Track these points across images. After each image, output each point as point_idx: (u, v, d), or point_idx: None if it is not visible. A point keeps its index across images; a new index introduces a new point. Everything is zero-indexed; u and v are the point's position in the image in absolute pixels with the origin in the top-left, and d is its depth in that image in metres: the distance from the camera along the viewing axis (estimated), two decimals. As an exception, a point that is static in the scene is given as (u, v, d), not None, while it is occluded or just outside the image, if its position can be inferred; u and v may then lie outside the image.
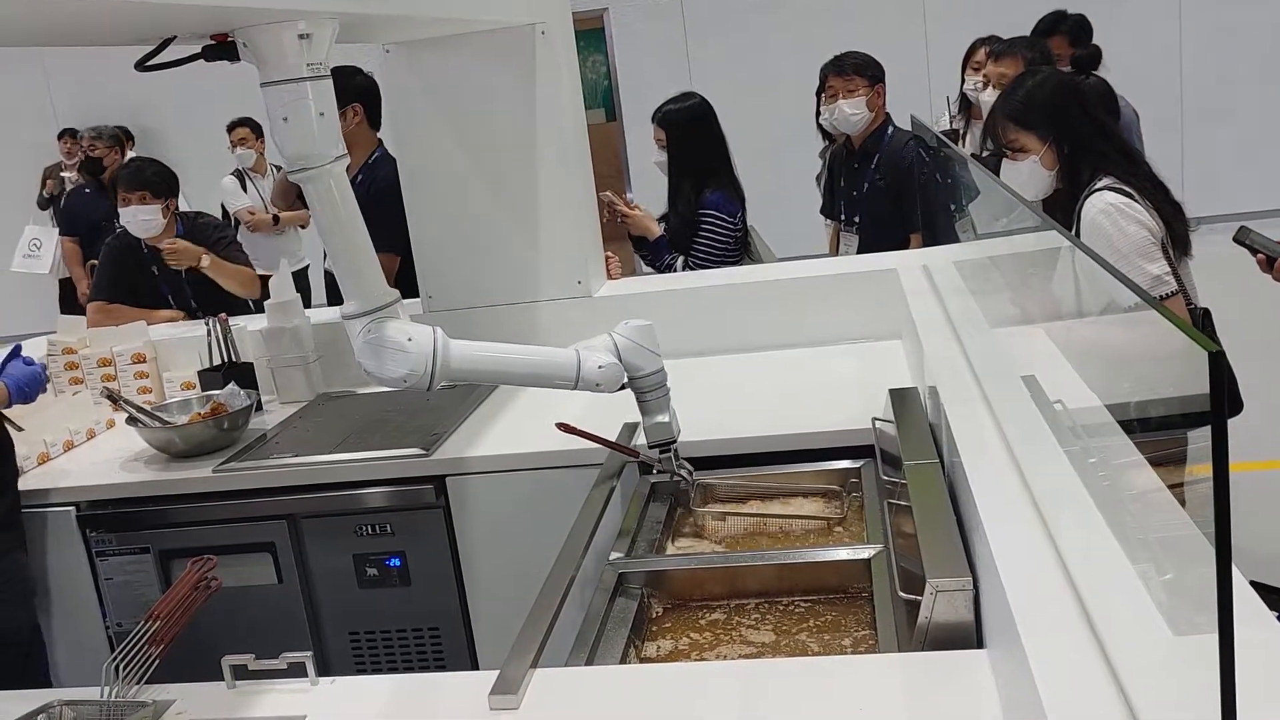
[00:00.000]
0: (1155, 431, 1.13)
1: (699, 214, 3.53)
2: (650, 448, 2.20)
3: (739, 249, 3.59)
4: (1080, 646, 1.09)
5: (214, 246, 3.56)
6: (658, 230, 3.56)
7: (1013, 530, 1.35)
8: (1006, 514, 1.39)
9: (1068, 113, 2.44)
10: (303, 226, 6.36)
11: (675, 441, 2.18)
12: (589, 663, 1.59)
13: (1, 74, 8.61)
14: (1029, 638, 1.11)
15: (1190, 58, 8.00)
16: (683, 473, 2.20)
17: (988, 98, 3.96)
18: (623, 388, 2.15)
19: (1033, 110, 2.44)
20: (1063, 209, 2.46)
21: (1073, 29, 4.23)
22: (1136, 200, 2.32)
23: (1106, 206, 2.31)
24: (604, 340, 2.11)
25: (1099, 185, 2.36)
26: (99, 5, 1.40)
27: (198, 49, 1.80)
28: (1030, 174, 2.46)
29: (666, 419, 2.17)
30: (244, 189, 6.46)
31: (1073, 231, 2.40)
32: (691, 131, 3.56)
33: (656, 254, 3.56)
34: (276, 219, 6.25)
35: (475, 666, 2.47)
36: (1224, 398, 0.68)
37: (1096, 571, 1.20)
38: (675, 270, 3.52)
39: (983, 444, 1.65)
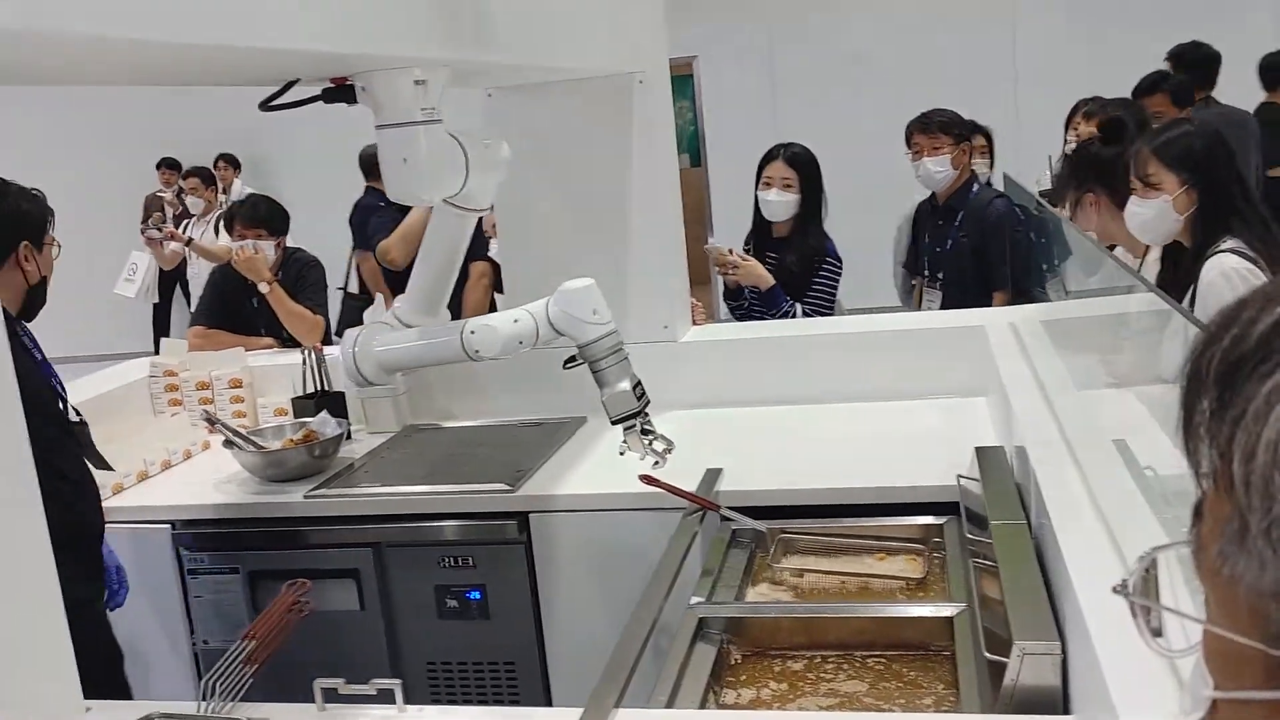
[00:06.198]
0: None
1: (824, 260, 3.51)
2: (613, 422, 2.17)
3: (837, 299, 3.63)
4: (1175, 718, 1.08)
5: (296, 282, 3.68)
6: (770, 279, 3.46)
7: (1106, 596, 1.33)
8: (1099, 579, 1.38)
9: (1218, 164, 2.40)
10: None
11: (640, 412, 2.12)
12: (669, 707, 1.60)
13: (108, 102, 8.96)
14: (1124, 709, 1.10)
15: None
16: (658, 446, 2.17)
17: (1080, 157, 3.93)
18: (572, 360, 2.15)
19: (1181, 150, 2.40)
20: (1174, 259, 2.43)
21: (1175, 88, 4.19)
22: (1261, 268, 2.28)
23: (1229, 270, 2.28)
24: (533, 306, 2.19)
25: (1224, 246, 2.32)
26: (230, 51, 1.47)
27: (317, 91, 1.88)
28: (1157, 215, 2.42)
29: (626, 387, 2.10)
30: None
31: (1191, 288, 2.36)
32: (816, 174, 3.57)
33: (772, 304, 3.45)
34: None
35: (549, 703, 2.49)
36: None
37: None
38: (795, 317, 3.45)
39: (1073, 507, 1.64)
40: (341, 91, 1.86)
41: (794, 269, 3.53)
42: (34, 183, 2.43)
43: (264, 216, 3.70)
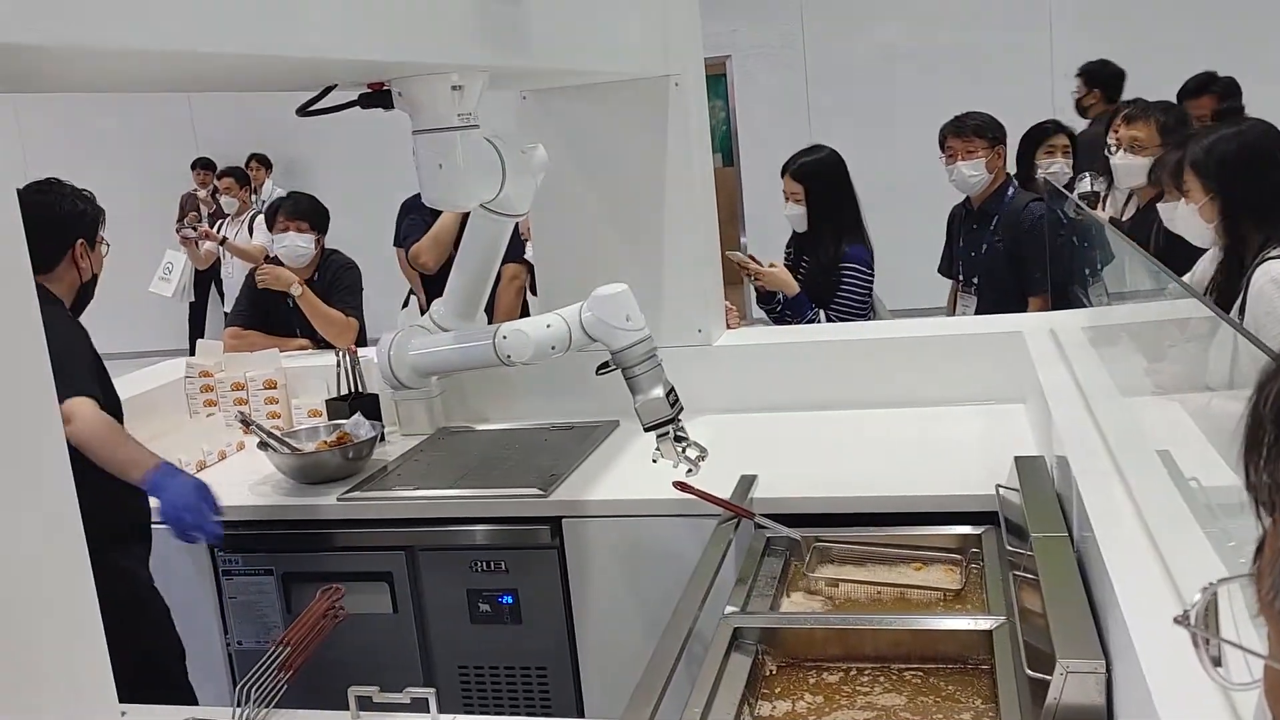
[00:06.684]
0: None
1: (842, 267, 3.47)
2: (646, 429, 2.16)
3: (871, 304, 3.56)
4: (1227, 742, 1.06)
5: (331, 284, 3.70)
6: (796, 285, 3.45)
7: (1152, 613, 1.31)
8: (1145, 595, 1.36)
9: (1245, 172, 2.35)
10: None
11: (673, 419, 2.11)
12: (704, 719, 1.59)
13: (147, 101, 9.04)
14: (1172, 729, 1.08)
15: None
16: (692, 453, 2.15)
17: (1119, 160, 3.88)
18: (605, 366, 2.13)
19: (1210, 159, 2.36)
20: (1220, 267, 2.39)
21: (1223, 89, 4.13)
22: None
23: (1278, 277, 2.25)
24: (566, 311, 2.16)
25: (1274, 252, 2.28)
26: (272, 60, 1.47)
27: (354, 96, 1.88)
28: (1185, 221, 2.39)
29: (659, 393, 2.09)
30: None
31: (1240, 298, 2.32)
32: (829, 184, 3.53)
33: (798, 310, 3.44)
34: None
35: (580, 709, 2.48)
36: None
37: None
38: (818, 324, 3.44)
39: (1117, 519, 1.61)
40: (378, 97, 1.86)
41: (817, 278, 3.51)
42: (70, 182, 2.47)
43: (306, 211, 3.75)
